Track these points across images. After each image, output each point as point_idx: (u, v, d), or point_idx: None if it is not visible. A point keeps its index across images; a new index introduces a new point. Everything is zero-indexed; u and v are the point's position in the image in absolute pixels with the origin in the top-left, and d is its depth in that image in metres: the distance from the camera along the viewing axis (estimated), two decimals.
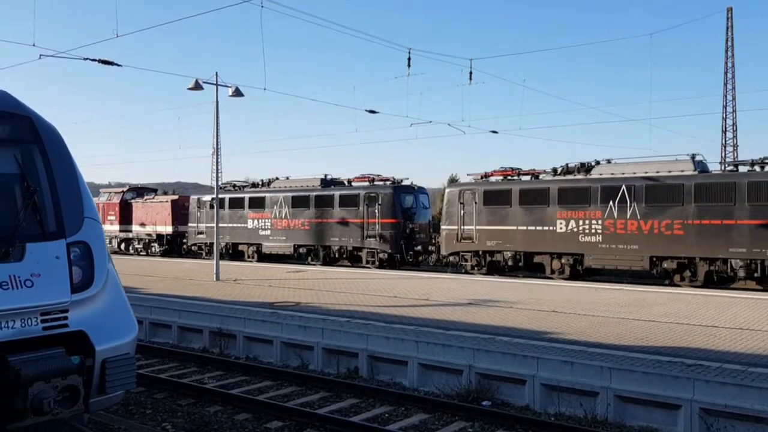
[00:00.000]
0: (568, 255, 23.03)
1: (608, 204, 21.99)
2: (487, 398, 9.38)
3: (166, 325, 14.36)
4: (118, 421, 8.23)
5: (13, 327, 5.50)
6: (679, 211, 20.70)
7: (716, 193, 20.13)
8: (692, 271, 20.79)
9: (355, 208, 28.66)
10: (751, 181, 19.60)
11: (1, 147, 6.40)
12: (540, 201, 23.56)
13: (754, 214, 19.37)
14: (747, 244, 19.46)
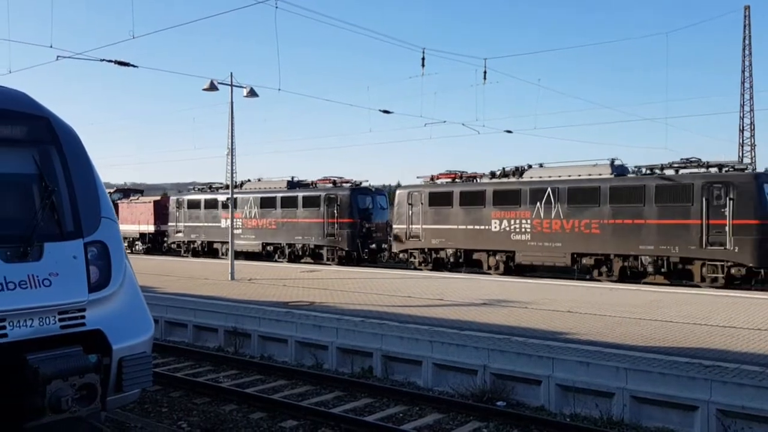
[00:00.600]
0: (501, 252, 24.73)
1: (536, 205, 23.76)
2: (502, 398, 9.35)
3: (181, 324, 14.45)
4: (135, 420, 8.30)
5: (32, 326, 5.56)
6: (597, 212, 22.38)
7: (628, 195, 21.83)
8: (608, 266, 22.34)
9: (317, 208, 30.42)
10: (658, 184, 21.31)
11: (19, 148, 6.48)
12: (477, 202, 25.39)
13: (661, 215, 21.06)
14: (655, 242, 21.13)
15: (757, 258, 19.46)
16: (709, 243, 20.27)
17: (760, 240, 19.47)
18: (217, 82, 19.84)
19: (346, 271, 24.67)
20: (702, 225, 20.41)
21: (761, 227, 19.49)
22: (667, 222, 20.96)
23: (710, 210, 20.29)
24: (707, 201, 20.35)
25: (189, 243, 36.77)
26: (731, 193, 19.99)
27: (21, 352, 5.32)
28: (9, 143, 6.41)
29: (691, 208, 20.63)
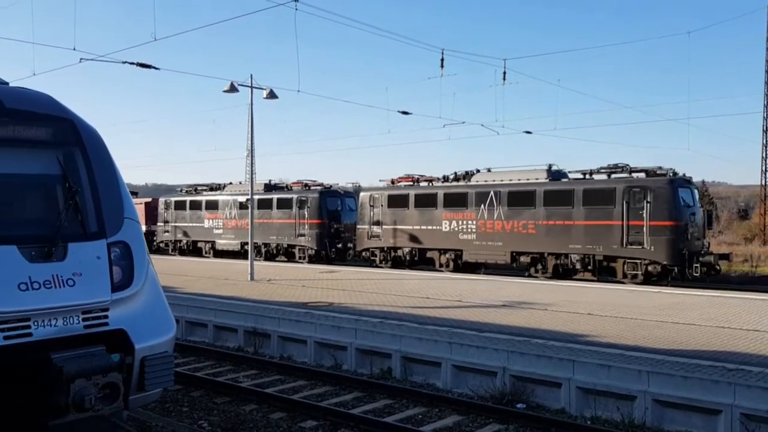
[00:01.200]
0: (451, 251, 26.67)
1: (480, 207, 25.69)
2: (522, 401, 9.30)
3: (202, 323, 14.56)
4: (156, 419, 8.37)
5: (56, 325, 5.64)
6: (533, 214, 24.26)
7: (560, 198, 23.66)
8: (543, 264, 24.17)
9: (290, 210, 32.51)
10: (585, 188, 23.27)
11: (44, 149, 6.57)
12: (430, 204, 27.31)
13: (588, 216, 22.92)
14: (582, 242, 22.98)
15: (670, 256, 21.23)
16: (629, 243, 21.96)
17: (673, 240, 21.25)
18: (237, 84, 19.98)
19: (365, 271, 24.70)
20: (623, 226, 22.10)
21: (674, 228, 21.28)
22: (593, 223, 22.79)
23: (630, 212, 21.98)
24: (628, 204, 22.03)
25: (176, 242, 38.83)
26: (648, 197, 21.67)
27: (46, 351, 5.40)
28: (34, 145, 6.50)
29: (614, 210, 22.34)
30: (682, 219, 21.55)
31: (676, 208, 21.43)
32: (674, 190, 21.58)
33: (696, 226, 22.13)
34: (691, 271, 21.25)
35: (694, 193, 23.00)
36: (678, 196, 21.64)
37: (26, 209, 6.48)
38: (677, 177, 22.24)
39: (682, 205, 21.67)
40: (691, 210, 22.09)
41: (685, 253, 21.27)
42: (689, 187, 22.61)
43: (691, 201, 22.33)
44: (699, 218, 22.51)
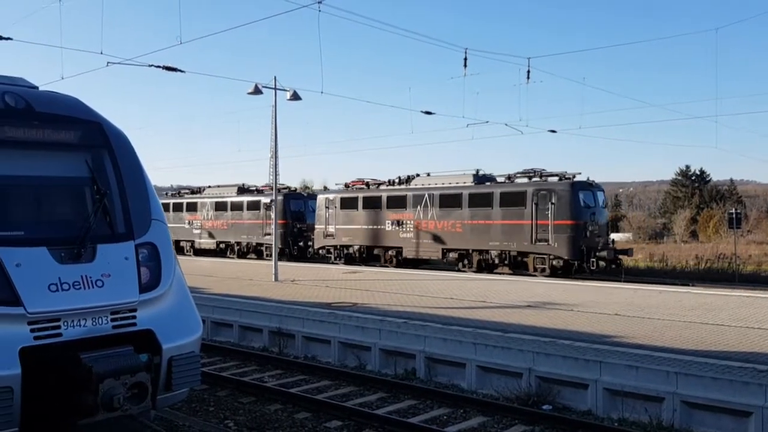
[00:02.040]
0: (393, 248, 29.62)
1: (417, 208, 28.55)
2: (548, 402, 9.22)
3: (227, 324, 14.67)
4: (183, 418, 8.45)
5: (85, 325, 5.72)
6: (459, 214, 27.00)
7: (481, 200, 26.38)
8: (468, 260, 26.79)
9: (258, 211, 35.44)
10: (501, 191, 26.05)
11: (72, 152, 6.67)
12: (376, 206, 30.27)
13: (504, 216, 25.60)
14: (500, 239, 25.67)
15: (570, 252, 23.76)
16: (537, 240, 24.57)
17: (573, 237, 23.76)
18: (261, 86, 20.10)
19: (388, 272, 24.71)
20: (532, 225, 24.68)
21: (574, 227, 23.80)
22: (508, 222, 25.51)
23: (538, 213, 24.56)
24: (536, 205, 24.63)
25: None
26: (553, 199, 24.23)
27: (75, 351, 5.48)
28: (63, 147, 6.61)
29: (525, 211, 24.96)
30: (582, 218, 24.02)
31: (576, 209, 23.94)
32: (575, 193, 24.12)
33: (597, 224, 24.56)
34: (589, 265, 23.64)
35: (597, 196, 25.26)
36: (578, 197, 24.16)
37: (56, 211, 6.59)
38: (578, 181, 24.78)
39: (582, 206, 24.20)
40: (591, 210, 24.53)
41: (584, 248, 23.64)
42: (591, 190, 25.08)
43: (592, 202, 24.79)
44: (601, 218, 25.14)
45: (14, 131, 6.32)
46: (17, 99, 6.44)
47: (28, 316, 5.36)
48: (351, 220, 31.29)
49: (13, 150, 6.33)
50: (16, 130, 6.32)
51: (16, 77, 7.33)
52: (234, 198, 37.32)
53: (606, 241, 24.98)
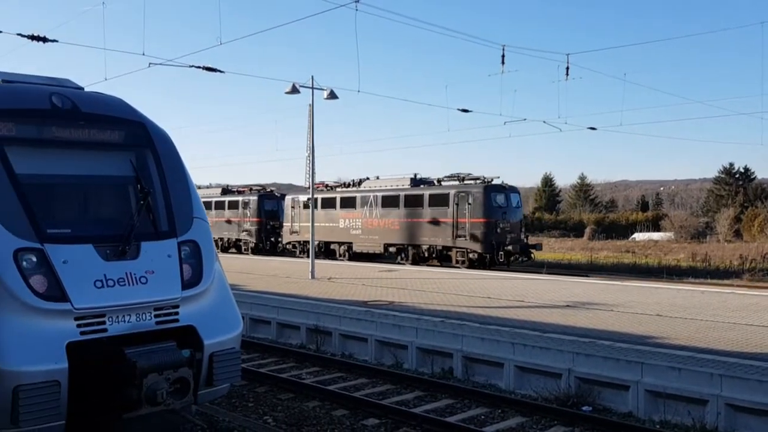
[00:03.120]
0: (345, 243, 33.27)
1: (364, 208, 32.17)
2: (588, 403, 9.10)
3: (265, 321, 14.82)
4: (223, 413, 8.56)
5: (129, 321, 5.84)
6: (398, 213, 30.59)
7: (414, 200, 29.92)
8: (405, 254, 30.37)
9: (237, 210, 39.99)
10: (430, 192, 29.53)
11: (117, 151, 6.83)
12: (331, 206, 33.97)
13: (432, 215, 28.99)
14: (429, 235, 29.18)
15: (483, 246, 27.20)
16: (457, 236, 27.89)
17: (485, 233, 27.11)
18: (299, 86, 20.23)
19: (425, 271, 24.67)
20: (453, 223, 28.04)
21: (486, 224, 27.11)
22: (435, 220, 28.93)
23: (458, 212, 27.89)
24: (457, 205, 27.95)
25: None
26: (470, 200, 27.57)
27: (120, 347, 5.60)
28: (108, 147, 6.77)
29: (448, 210, 28.31)
30: (493, 217, 27.29)
31: (488, 209, 27.20)
32: (487, 194, 27.43)
33: (508, 222, 27.74)
34: (498, 258, 27.13)
35: (510, 197, 28.39)
36: (491, 198, 27.45)
37: (101, 209, 6.75)
38: (491, 184, 28.29)
39: (494, 206, 27.42)
40: (503, 210, 27.70)
41: (494, 243, 27.08)
42: (504, 192, 28.31)
43: (504, 203, 27.93)
44: (514, 217, 28.25)
45: (61, 131, 6.49)
46: (64, 100, 6.61)
47: (75, 311, 5.50)
48: None
49: (60, 149, 6.50)
50: (62, 130, 6.49)
51: (63, 79, 7.52)
52: (218, 198, 42.01)
53: (517, 237, 28.20)
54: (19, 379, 5.10)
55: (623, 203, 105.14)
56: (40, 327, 5.35)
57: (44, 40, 14.02)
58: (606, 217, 77.19)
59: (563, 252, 46.41)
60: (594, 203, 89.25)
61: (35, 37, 13.87)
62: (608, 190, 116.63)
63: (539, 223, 71.60)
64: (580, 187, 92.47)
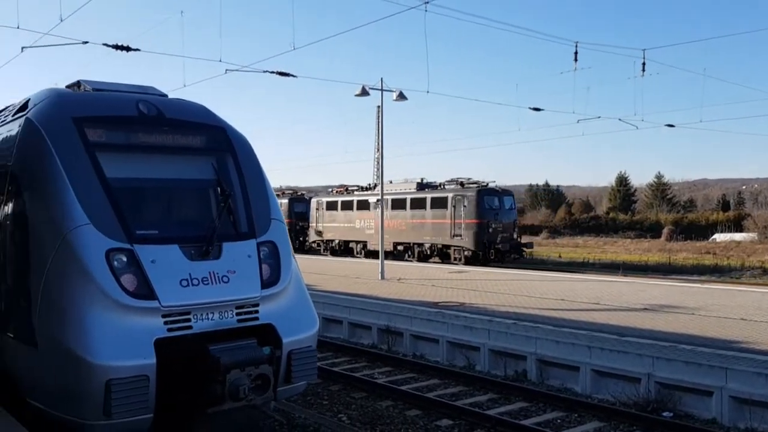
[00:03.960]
0: (361, 242, 36.45)
1: (377, 210, 32.74)
2: (668, 409, 8.84)
3: (337, 320, 15.03)
4: (299, 410, 8.76)
5: (212, 319, 6.05)
6: (404, 215, 34.19)
7: (419, 203, 33.33)
8: (411, 251, 33.66)
9: None
10: (432, 196, 32.91)
11: (199, 155, 7.09)
12: (349, 208, 37.37)
13: (433, 216, 32.31)
14: (430, 235, 32.42)
15: (476, 244, 30.15)
16: (454, 235, 30.73)
17: (478, 233, 30.13)
18: (369, 88, 20.41)
19: (494, 272, 24.43)
20: (451, 223, 30.98)
21: (479, 224, 30.12)
22: (436, 221, 32.18)
23: (455, 213, 30.87)
24: (454, 207, 31.01)
25: None
26: (465, 202, 30.60)
27: (204, 343, 5.80)
28: (191, 151, 7.04)
29: (447, 212, 31.56)
30: (485, 218, 30.18)
31: (480, 211, 30.23)
32: (480, 198, 30.53)
33: (500, 223, 30.57)
34: (488, 255, 29.99)
35: (503, 200, 31.43)
36: (483, 201, 30.46)
37: (185, 211, 7.02)
38: (484, 188, 31.31)
39: (486, 208, 30.37)
40: (495, 212, 30.60)
41: (486, 242, 30.03)
42: (497, 195, 31.44)
43: (496, 205, 30.89)
44: (506, 218, 31.07)
45: (147, 137, 6.79)
46: (149, 106, 6.91)
47: (162, 309, 5.74)
48: (333, 219, 38.64)
49: (147, 154, 6.80)
50: (148, 135, 6.79)
51: (148, 86, 7.86)
52: None
53: (510, 236, 31.09)
54: (111, 373, 5.36)
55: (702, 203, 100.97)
56: (130, 324, 5.61)
57: (127, 49, 14.66)
58: (684, 217, 74.32)
59: (639, 253, 44.99)
60: (671, 203, 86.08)
61: (119, 46, 14.53)
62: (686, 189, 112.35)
63: (613, 223, 69.61)
64: (656, 186, 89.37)
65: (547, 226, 68.74)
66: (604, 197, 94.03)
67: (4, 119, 7.52)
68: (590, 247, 51.82)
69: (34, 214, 6.11)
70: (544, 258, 41.86)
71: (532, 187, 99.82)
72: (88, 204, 5.88)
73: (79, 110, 6.56)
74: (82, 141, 6.26)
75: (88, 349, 5.38)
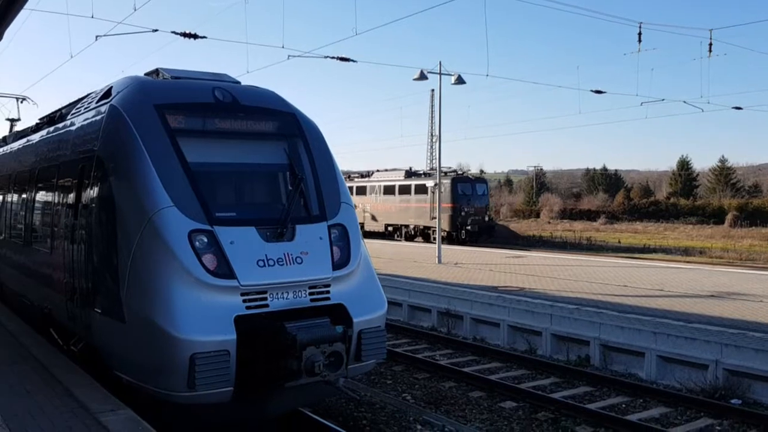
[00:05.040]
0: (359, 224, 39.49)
1: (372, 195, 40.45)
2: (737, 396, 8.71)
3: (397, 303, 15.20)
4: (364, 389, 8.99)
5: (287, 298, 6.28)
6: (393, 200, 38.72)
7: (405, 190, 38.01)
8: (400, 232, 37.98)
9: None
10: (416, 183, 37.32)
11: (272, 141, 7.31)
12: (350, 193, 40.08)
13: (417, 201, 36.74)
14: (414, 217, 36.97)
15: (450, 226, 34.35)
16: (432, 217, 32.49)
17: (452, 216, 34.51)
18: (427, 72, 20.41)
19: (553, 257, 24.23)
20: (430, 207, 34.08)
21: (453, 208, 34.55)
22: (418, 206, 36.52)
23: (434, 199, 30.72)
24: (433, 194, 31.94)
25: None
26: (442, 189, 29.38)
27: (280, 321, 6.03)
28: (264, 137, 7.27)
29: (427, 197, 35.31)
30: (458, 203, 34.82)
31: (455, 196, 34.84)
32: (454, 185, 35.07)
33: (472, 207, 35.31)
34: (459, 235, 34.67)
35: (476, 187, 36.38)
36: (457, 188, 35.12)
37: (260, 194, 7.27)
38: (458, 176, 36.62)
39: (459, 194, 35.08)
40: (467, 197, 35.39)
41: (459, 224, 34.71)
42: (470, 182, 36.58)
43: (469, 192, 35.64)
44: (478, 202, 35.79)
45: (223, 122, 7.04)
46: (225, 93, 7.15)
47: (241, 287, 5.99)
48: None
49: (223, 139, 7.06)
50: (224, 121, 7.04)
51: (222, 74, 8.11)
52: None
53: (481, 219, 35.85)
54: (196, 347, 5.64)
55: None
56: (212, 301, 5.88)
57: (195, 37, 15.05)
58: (749, 202, 71.60)
59: (701, 240, 43.73)
60: (735, 188, 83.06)
61: (187, 34, 14.93)
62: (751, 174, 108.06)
63: (674, 209, 67.63)
64: (720, 170, 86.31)
65: (605, 211, 67.30)
66: (665, 182, 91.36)
67: (88, 106, 7.89)
68: (650, 233, 50.59)
69: (120, 197, 6.43)
70: (603, 243, 41.21)
71: (589, 171, 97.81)
72: (171, 187, 6.16)
73: (160, 97, 6.85)
74: (163, 127, 6.53)
75: (174, 325, 5.68)
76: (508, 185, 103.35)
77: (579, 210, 69.56)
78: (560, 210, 68.93)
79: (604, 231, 51.55)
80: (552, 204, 72.31)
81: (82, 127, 7.66)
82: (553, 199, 76.11)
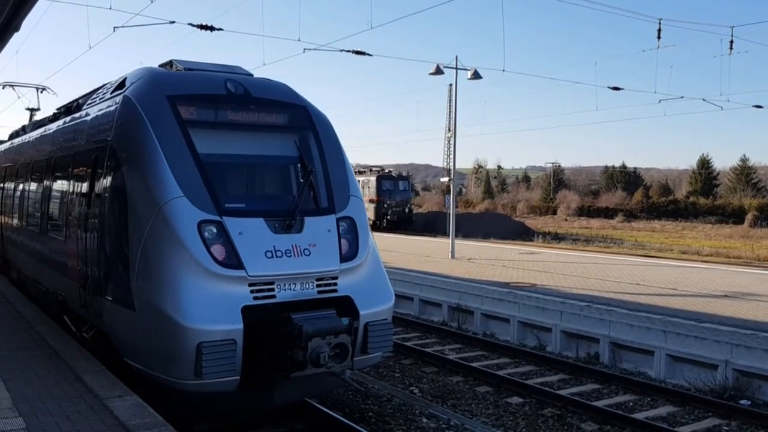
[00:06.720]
0: None
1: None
2: (746, 397, 8.66)
3: (408, 297, 15.24)
4: (372, 381, 9.04)
5: (294, 289, 6.34)
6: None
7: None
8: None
9: None
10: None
11: (283, 133, 7.37)
12: None
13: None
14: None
15: (375, 215, 39.97)
16: None
17: (377, 207, 40.51)
18: (443, 66, 20.35)
19: (567, 254, 24.13)
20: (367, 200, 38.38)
21: (378, 201, 40.72)
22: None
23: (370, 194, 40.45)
24: (369, 189, 41.01)
25: None
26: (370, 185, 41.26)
27: (287, 312, 6.10)
28: (275, 129, 7.33)
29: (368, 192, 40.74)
30: (382, 196, 41.13)
31: (378, 191, 41.17)
32: (378, 181, 41.60)
33: (393, 200, 41.65)
34: (382, 223, 40.17)
35: (398, 183, 42.81)
36: (382, 184, 41.53)
37: (269, 186, 7.34)
38: (381, 174, 43.02)
39: (383, 189, 41.48)
40: (389, 192, 41.75)
41: (381, 214, 40.80)
42: (392, 179, 42.84)
43: (391, 187, 42.07)
44: (399, 197, 42.10)
45: (234, 114, 7.11)
46: (237, 86, 7.21)
47: (249, 278, 6.06)
48: None
49: (234, 131, 7.13)
50: (236, 113, 7.11)
51: (234, 66, 8.17)
52: None
53: (402, 211, 41.92)
54: (203, 336, 5.72)
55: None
56: (220, 291, 5.96)
57: (211, 29, 15.13)
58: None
59: (720, 240, 43.26)
60: (757, 188, 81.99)
61: (204, 26, 15.01)
62: None
63: (693, 208, 66.92)
64: (741, 169, 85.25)
65: (623, 209, 66.75)
66: (684, 180, 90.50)
67: (103, 96, 8.00)
68: (668, 231, 50.11)
69: (132, 186, 6.52)
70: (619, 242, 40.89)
71: (608, 168, 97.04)
72: (181, 178, 6.23)
73: (172, 89, 6.92)
74: (175, 118, 6.61)
75: (181, 313, 5.76)
76: (525, 181, 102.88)
77: (597, 207, 69.06)
78: (577, 207, 68.49)
79: (621, 229, 51.15)
80: (569, 201, 71.89)
81: (96, 117, 7.77)
82: (571, 196, 75.65)
